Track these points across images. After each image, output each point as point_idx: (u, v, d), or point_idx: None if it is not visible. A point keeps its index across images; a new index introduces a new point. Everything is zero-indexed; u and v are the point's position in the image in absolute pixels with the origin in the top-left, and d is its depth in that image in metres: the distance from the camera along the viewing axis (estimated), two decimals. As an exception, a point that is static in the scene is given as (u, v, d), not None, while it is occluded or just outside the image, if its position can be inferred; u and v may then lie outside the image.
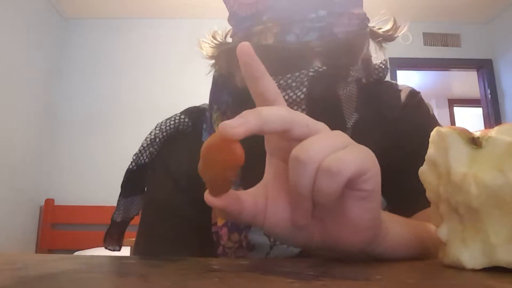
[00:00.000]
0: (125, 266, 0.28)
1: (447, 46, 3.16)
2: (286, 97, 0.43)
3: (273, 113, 0.27)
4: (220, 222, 0.46)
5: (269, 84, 0.30)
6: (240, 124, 0.25)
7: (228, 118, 0.38)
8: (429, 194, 0.32)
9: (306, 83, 0.43)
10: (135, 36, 3.08)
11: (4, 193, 2.37)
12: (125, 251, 1.48)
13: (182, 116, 0.57)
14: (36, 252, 2.63)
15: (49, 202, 2.73)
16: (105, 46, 3.06)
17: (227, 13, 0.51)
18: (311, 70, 0.43)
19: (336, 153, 0.26)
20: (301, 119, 0.28)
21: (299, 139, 0.27)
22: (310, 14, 0.43)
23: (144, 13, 3.04)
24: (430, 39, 3.14)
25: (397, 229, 0.34)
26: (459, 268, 0.28)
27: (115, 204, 0.56)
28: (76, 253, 2.31)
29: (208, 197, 0.28)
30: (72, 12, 3.03)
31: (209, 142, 0.26)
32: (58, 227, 2.73)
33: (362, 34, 0.46)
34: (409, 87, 0.57)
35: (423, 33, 3.11)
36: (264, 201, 0.30)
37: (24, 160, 2.60)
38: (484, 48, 3.16)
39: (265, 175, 0.32)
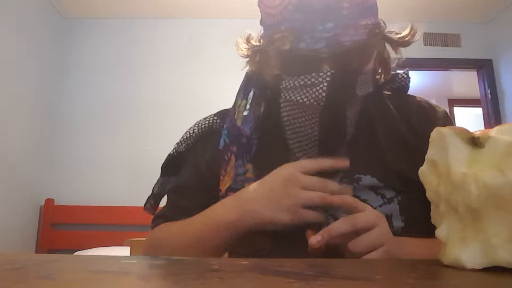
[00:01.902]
0: (125, 266, 0.28)
1: (447, 46, 3.15)
2: (307, 93, 0.52)
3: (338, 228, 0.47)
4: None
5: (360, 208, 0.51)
6: (318, 241, 0.47)
7: (252, 107, 0.59)
8: (429, 194, 0.32)
9: (320, 83, 0.51)
10: (135, 36, 3.08)
11: (4, 193, 2.37)
12: (125, 251, 1.48)
13: (215, 118, 0.69)
14: (36, 252, 2.63)
15: (49, 202, 2.73)
16: (105, 46, 3.06)
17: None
18: (321, 73, 0.51)
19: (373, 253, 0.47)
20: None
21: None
22: (319, 26, 0.50)
23: (144, 13, 3.04)
24: (430, 39, 3.14)
25: (416, 248, 0.51)
26: (459, 268, 0.28)
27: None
28: (76, 253, 2.31)
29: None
30: (72, 12, 3.02)
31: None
32: (58, 227, 2.73)
33: (369, 41, 0.53)
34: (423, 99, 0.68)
35: (423, 33, 3.10)
36: None
37: (24, 160, 2.59)
38: (484, 48, 3.16)
39: None
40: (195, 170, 0.67)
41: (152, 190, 0.72)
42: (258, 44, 0.63)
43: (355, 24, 0.50)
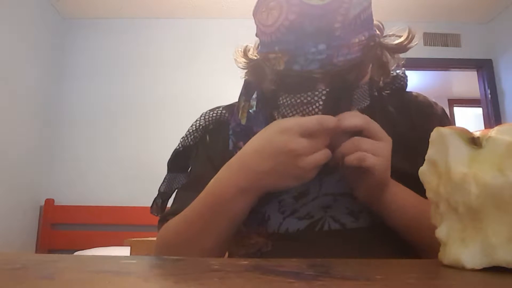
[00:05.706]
0: (125, 266, 0.28)
1: (447, 46, 3.15)
2: (304, 111, 0.53)
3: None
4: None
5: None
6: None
7: (255, 111, 0.60)
8: (429, 194, 0.32)
9: (316, 102, 0.52)
10: (135, 36, 3.08)
11: (4, 193, 2.37)
12: (125, 251, 1.48)
13: (223, 111, 0.68)
14: (36, 252, 2.63)
15: (49, 202, 2.73)
16: (105, 46, 3.06)
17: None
18: (316, 92, 0.52)
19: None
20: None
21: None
22: (311, 48, 0.50)
23: (144, 13, 3.04)
24: (430, 39, 3.14)
25: (405, 193, 0.54)
26: (459, 268, 0.28)
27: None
28: (76, 253, 2.31)
29: None
30: (72, 12, 3.02)
31: None
32: (58, 227, 2.73)
33: (364, 57, 0.53)
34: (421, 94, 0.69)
35: (423, 33, 3.11)
36: None
37: (24, 160, 2.60)
38: (484, 48, 3.16)
39: None
40: (209, 162, 0.64)
41: (159, 190, 0.69)
42: (255, 58, 0.64)
43: (348, 43, 0.50)
